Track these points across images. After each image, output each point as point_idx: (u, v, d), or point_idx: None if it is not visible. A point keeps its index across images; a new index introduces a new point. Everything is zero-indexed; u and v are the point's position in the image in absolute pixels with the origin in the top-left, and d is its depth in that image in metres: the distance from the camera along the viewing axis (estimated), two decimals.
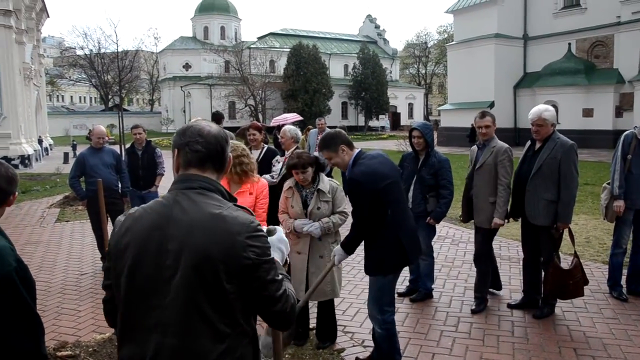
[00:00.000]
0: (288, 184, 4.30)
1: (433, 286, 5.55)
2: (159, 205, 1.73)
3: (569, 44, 29.11)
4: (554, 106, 5.51)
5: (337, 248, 3.64)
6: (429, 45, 75.78)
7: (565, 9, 30.00)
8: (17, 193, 2.17)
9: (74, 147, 28.76)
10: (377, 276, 3.59)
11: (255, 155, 5.91)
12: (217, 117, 8.57)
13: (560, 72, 28.31)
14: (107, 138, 7.06)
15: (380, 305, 3.54)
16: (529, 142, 4.97)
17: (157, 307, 1.62)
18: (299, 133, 6.07)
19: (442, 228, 8.75)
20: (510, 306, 5.10)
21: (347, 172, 3.62)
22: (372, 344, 4.06)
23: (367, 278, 3.76)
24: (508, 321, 4.78)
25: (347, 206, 4.05)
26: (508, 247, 7.36)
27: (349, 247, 3.57)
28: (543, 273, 4.92)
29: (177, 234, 1.63)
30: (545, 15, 30.65)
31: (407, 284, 5.71)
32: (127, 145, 8.46)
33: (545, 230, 4.75)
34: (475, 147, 5.29)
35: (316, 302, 4.34)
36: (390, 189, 3.46)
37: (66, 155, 25.91)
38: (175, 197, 1.71)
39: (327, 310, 4.32)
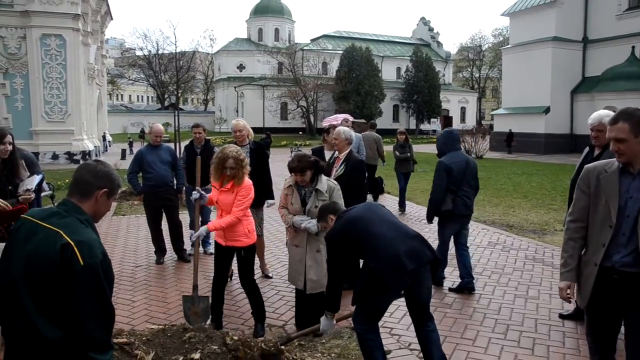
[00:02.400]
0: (288, 182, 4.61)
1: (478, 287, 5.52)
2: None
3: (633, 47, 27.93)
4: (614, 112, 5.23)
5: (324, 319, 3.79)
6: (483, 49, 74.50)
7: (630, 11, 28.81)
8: (107, 190, 2.24)
9: (130, 145, 29.87)
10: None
11: (327, 155, 6.03)
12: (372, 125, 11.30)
13: (622, 76, 27.20)
14: (163, 136, 7.31)
15: (355, 316, 3.62)
16: (587, 149, 4.82)
17: None
18: (353, 134, 6.05)
19: (492, 234, 8.62)
20: (561, 316, 4.97)
21: None
22: (418, 347, 4.05)
23: None
24: (559, 331, 4.66)
25: (342, 206, 4.27)
26: (555, 255, 7.15)
27: (330, 304, 3.74)
28: None
29: None
30: (607, 17, 29.54)
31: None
32: (183, 143, 8.72)
33: None
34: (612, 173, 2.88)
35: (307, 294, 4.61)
36: (357, 230, 3.56)
37: (123, 151, 26.86)
38: None
39: (319, 302, 4.44)
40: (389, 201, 12.20)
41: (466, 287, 5.73)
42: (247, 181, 4.50)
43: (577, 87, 30.94)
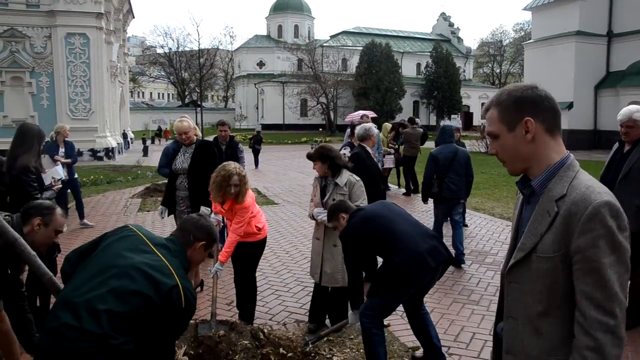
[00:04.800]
0: (316, 175, 4.73)
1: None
2: None
3: None
4: None
5: (351, 314, 3.92)
6: (504, 44, 73.70)
7: None
8: (205, 243, 2.65)
9: (144, 141, 30.22)
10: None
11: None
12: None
13: None
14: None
15: (365, 310, 3.61)
16: (616, 145, 4.76)
17: None
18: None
19: (505, 227, 8.55)
20: None
21: None
22: (442, 343, 4.08)
23: (449, 284, 3.74)
24: None
25: (364, 201, 4.35)
26: None
27: (355, 302, 3.82)
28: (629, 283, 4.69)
29: None
30: (633, 10, 28.93)
31: None
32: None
33: (635, 238, 4.53)
34: None
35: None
36: (377, 225, 3.64)
37: (146, 149, 27.18)
38: None
39: (340, 297, 4.57)
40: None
41: (456, 259, 6.29)
42: (247, 201, 4.40)
43: (601, 82, 30.45)
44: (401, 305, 3.77)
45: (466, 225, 8.62)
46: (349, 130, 9.75)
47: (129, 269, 2.26)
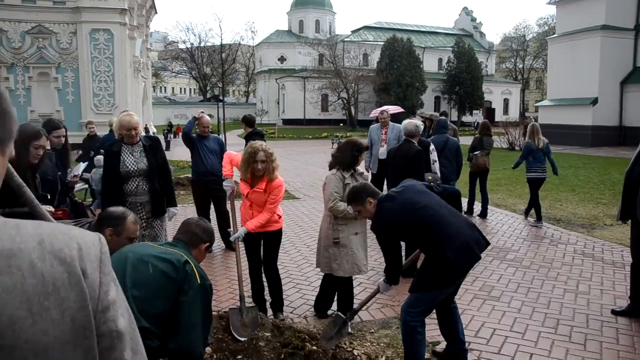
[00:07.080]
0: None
1: (526, 281, 5.49)
2: None
3: None
4: None
5: (381, 281, 3.87)
6: (527, 39, 72.63)
7: None
8: (209, 244, 2.89)
9: (166, 136, 30.64)
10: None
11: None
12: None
13: None
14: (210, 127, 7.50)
15: (409, 308, 3.52)
16: None
17: None
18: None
19: (539, 227, 8.48)
20: (614, 312, 4.88)
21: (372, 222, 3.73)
22: (470, 339, 4.08)
23: (470, 280, 3.71)
24: (612, 328, 4.58)
25: None
26: (612, 251, 7.02)
27: (391, 279, 3.77)
28: None
29: None
30: None
31: None
32: (228, 134, 8.87)
33: None
34: None
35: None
36: (422, 216, 3.44)
37: (168, 143, 27.55)
38: None
39: (345, 286, 4.76)
40: None
41: None
42: (279, 179, 4.43)
43: (627, 77, 29.84)
44: None
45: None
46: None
47: (143, 256, 2.40)
